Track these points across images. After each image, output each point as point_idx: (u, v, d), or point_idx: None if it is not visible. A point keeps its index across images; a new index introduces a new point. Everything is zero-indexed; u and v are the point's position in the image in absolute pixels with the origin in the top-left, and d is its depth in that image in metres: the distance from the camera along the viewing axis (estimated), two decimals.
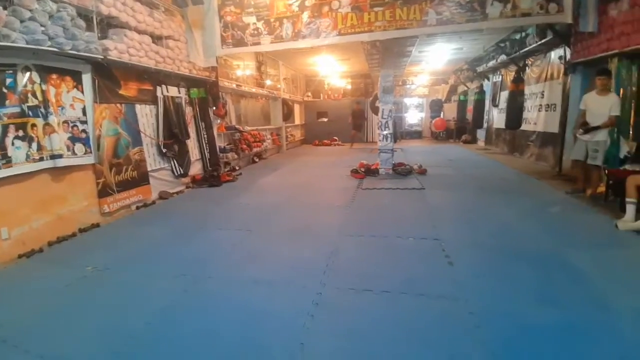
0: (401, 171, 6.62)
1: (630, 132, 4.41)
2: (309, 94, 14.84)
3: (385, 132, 6.65)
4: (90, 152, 4.03)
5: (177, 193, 5.59)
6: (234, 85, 8.27)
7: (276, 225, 3.99)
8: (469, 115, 12.42)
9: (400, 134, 15.25)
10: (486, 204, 4.61)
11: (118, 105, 4.49)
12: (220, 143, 7.35)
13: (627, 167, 4.06)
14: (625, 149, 4.46)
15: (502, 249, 3.10)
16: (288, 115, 11.76)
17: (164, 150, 5.39)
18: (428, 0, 4.86)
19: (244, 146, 8.40)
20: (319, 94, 15.09)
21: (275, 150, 11.25)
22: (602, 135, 4.37)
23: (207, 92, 6.55)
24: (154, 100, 5.23)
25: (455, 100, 14.07)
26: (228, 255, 3.19)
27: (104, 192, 4.21)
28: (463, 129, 13.25)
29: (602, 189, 4.49)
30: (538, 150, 7.52)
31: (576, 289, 2.40)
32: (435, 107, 15.38)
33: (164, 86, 5.38)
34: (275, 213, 4.46)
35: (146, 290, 2.57)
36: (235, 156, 7.93)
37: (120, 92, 4.56)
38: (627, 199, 3.48)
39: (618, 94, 4.45)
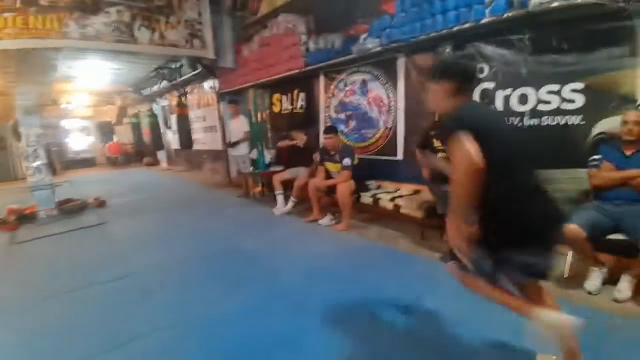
0: (71, 209, 5.40)
1: (270, 143, 6.04)
2: None
3: (36, 164, 5.12)
4: None
5: None
6: None
7: None
8: (147, 138, 12.17)
9: (64, 163, 12.43)
10: (176, 221, 4.76)
11: None
12: None
13: (272, 169, 5.54)
14: (268, 156, 6.05)
15: (192, 259, 3.31)
16: None
17: None
18: (67, 12, 4.22)
19: None
20: None
21: None
22: (242, 149, 5.67)
23: None
24: None
25: (127, 123, 13.27)
26: None
27: None
28: (143, 152, 12.80)
29: (259, 188, 5.89)
30: (212, 165, 8.67)
31: (254, 267, 3.00)
32: (106, 130, 13.79)
33: None
34: None
35: None
36: None
37: None
38: (276, 192, 4.77)
39: (256, 117, 5.98)
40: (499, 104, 3.04)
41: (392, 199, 3.57)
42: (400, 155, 3.99)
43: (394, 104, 3.98)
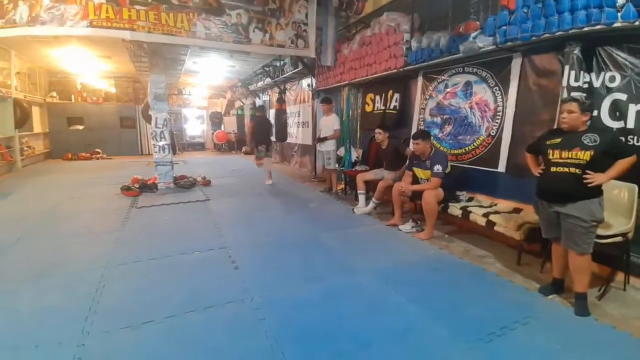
0: (184, 184, 6.29)
1: (358, 143, 6.07)
2: (54, 94, 11.51)
3: (161, 143, 6.12)
4: None
5: None
6: None
7: (11, 271, 2.85)
8: (247, 130, 13.44)
9: (182, 145, 14.54)
10: (263, 206, 5.14)
11: None
12: None
13: (357, 168, 5.57)
14: (355, 155, 6.11)
15: (276, 243, 3.55)
16: (23, 121, 8.64)
17: None
18: (195, 12, 4.90)
19: None
20: (70, 96, 12.01)
21: (6, 169, 8.06)
22: (330, 146, 5.79)
23: None
24: None
25: (234, 114, 14.85)
26: None
27: None
28: (243, 141, 14.17)
29: (342, 186, 5.98)
30: (300, 159, 9.12)
31: (330, 261, 3.07)
32: (216, 119, 15.66)
33: None
34: (8, 254, 3.19)
35: None
36: None
37: None
38: (359, 191, 4.80)
39: (348, 116, 6.08)
40: (630, 120, 2.57)
41: (486, 214, 3.24)
42: (502, 167, 3.59)
43: (501, 109, 3.60)
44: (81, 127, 11.76)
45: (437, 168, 3.60)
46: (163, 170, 6.13)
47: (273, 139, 7.55)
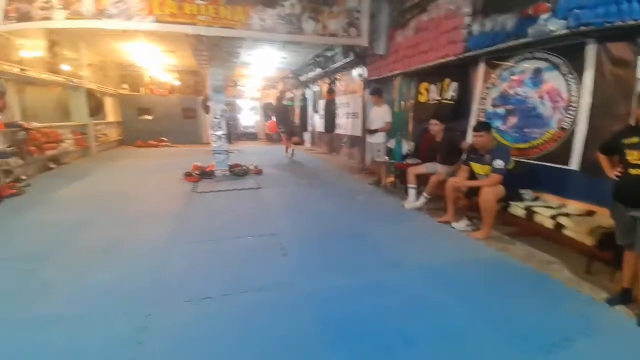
0: (238, 172, 6.60)
1: (410, 135, 5.85)
2: (126, 86, 12.69)
3: (219, 133, 6.46)
4: None
5: None
6: (17, 70, 6.18)
7: (85, 246, 3.22)
8: (297, 119, 13.65)
9: (236, 135, 15.22)
10: (312, 196, 5.22)
11: None
12: None
13: (408, 161, 5.40)
14: (406, 147, 5.91)
15: (324, 233, 3.59)
16: (96, 110, 9.65)
17: None
18: (251, 4, 5.03)
19: (33, 148, 6.39)
20: (139, 88, 13.15)
21: (81, 154, 9.11)
22: (380, 138, 5.65)
23: None
24: None
25: (284, 105, 15.13)
26: (16, 290, 2.37)
27: None
28: (293, 132, 14.43)
29: (391, 179, 5.84)
30: (349, 150, 9.06)
31: (376, 255, 3.03)
32: (268, 110, 16.12)
33: None
34: (83, 230, 3.60)
35: None
36: (20, 161, 5.95)
37: None
38: (409, 185, 4.65)
39: (400, 107, 5.88)
40: None
41: (554, 216, 2.96)
42: (574, 165, 3.23)
43: (575, 99, 3.22)
44: (149, 117, 12.84)
45: (498, 163, 3.34)
46: (220, 158, 6.49)
47: (318, 129, 7.58)
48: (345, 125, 9.05)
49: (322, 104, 10.62)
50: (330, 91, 8.95)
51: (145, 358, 1.75)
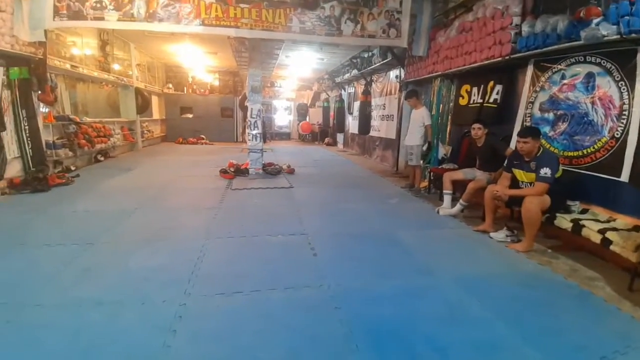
0: (271, 171, 6.73)
1: (447, 139, 5.64)
2: (170, 85, 13.40)
3: (254, 132, 6.63)
4: None
5: None
6: (68, 66, 6.73)
7: (127, 235, 3.43)
8: (331, 120, 13.70)
9: (270, 134, 15.55)
10: (343, 198, 5.20)
11: None
12: (48, 137, 5.87)
13: (444, 166, 5.23)
14: (442, 152, 5.72)
15: (354, 235, 3.55)
16: (144, 108, 10.28)
17: None
18: (292, 7, 5.12)
19: (83, 141, 6.93)
20: (183, 87, 13.83)
21: (128, 148, 9.73)
22: (416, 140, 5.49)
23: (31, 73, 5.12)
24: None
25: (319, 106, 15.27)
26: (58, 275, 2.55)
27: None
28: (326, 133, 14.51)
29: (425, 184, 5.68)
30: (382, 153, 8.93)
31: (408, 261, 2.96)
32: (302, 110, 16.34)
33: None
34: (126, 220, 3.84)
35: None
36: (70, 153, 6.47)
37: None
38: (445, 191, 4.49)
39: (438, 109, 5.70)
40: None
41: (602, 231, 2.73)
42: (625, 177, 2.96)
43: (627, 107, 2.97)
44: (190, 116, 13.45)
45: (545, 172, 3.13)
46: (254, 157, 6.65)
47: (352, 131, 7.54)
48: (380, 127, 8.94)
49: (356, 105, 10.57)
50: (366, 93, 8.89)
51: (178, 346, 1.81)
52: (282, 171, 6.94)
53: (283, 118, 16.91)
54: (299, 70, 12.12)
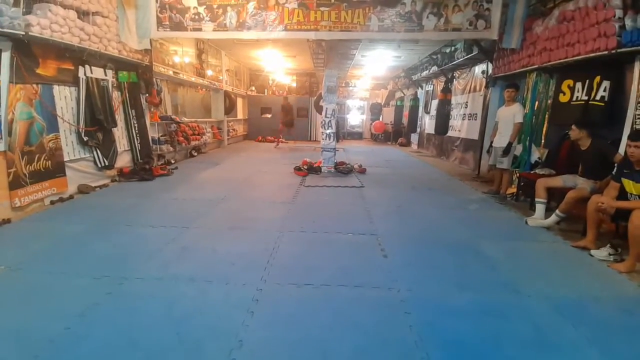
0: (342, 170, 6.81)
1: (542, 140, 5.01)
2: (253, 88, 14.48)
3: (328, 131, 6.78)
4: (1, 138, 3.50)
5: (100, 187, 5.05)
6: (171, 72, 7.73)
7: (215, 221, 3.83)
8: (405, 120, 13.25)
9: (343, 134, 15.69)
10: (417, 200, 4.99)
11: (34, 85, 3.93)
12: (153, 134, 6.83)
13: (538, 171, 4.66)
14: (536, 155, 5.07)
15: (428, 241, 3.38)
16: (230, 109, 11.34)
17: (85, 139, 4.82)
18: (371, 6, 5.09)
19: (181, 138, 7.91)
20: (264, 89, 14.82)
21: (216, 145, 10.79)
22: (507, 141, 4.90)
23: (139, 77, 6.02)
24: (75, 81, 4.65)
25: (393, 105, 14.89)
26: (159, 253, 2.96)
27: (15, 183, 3.64)
28: (399, 132, 14.09)
29: (513, 190, 5.14)
30: (461, 155, 8.33)
31: (490, 275, 2.71)
32: (375, 110, 16.12)
33: (87, 66, 4.79)
34: (214, 208, 4.28)
35: (65, 292, 2.29)
36: (171, 149, 7.43)
37: (38, 71, 3.99)
38: (537, 199, 3.98)
39: (533, 106, 5.10)
40: None
41: None
42: None
43: None
44: (269, 116, 14.32)
45: None
46: (327, 155, 6.80)
47: (428, 131, 7.17)
48: (460, 127, 8.34)
49: (434, 104, 10.04)
50: (445, 90, 8.38)
51: (253, 325, 1.97)
52: (354, 170, 6.96)
53: (355, 117, 16.91)
54: (374, 69, 11.99)
